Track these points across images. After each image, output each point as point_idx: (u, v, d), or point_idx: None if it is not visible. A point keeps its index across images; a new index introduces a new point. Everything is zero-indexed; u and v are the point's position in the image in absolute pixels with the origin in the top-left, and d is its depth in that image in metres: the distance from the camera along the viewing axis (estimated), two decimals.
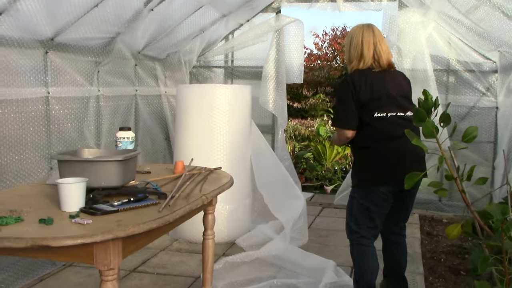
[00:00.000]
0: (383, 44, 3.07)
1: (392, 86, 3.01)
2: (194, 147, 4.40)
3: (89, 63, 4.16)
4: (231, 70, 6.26)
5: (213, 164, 4.28)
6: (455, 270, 4.03)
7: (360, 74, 3.02)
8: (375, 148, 2.97)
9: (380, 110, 2.95)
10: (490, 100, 5.49)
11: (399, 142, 2.86)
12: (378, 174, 2.96)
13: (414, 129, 2.70)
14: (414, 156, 2.94)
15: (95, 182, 2.23)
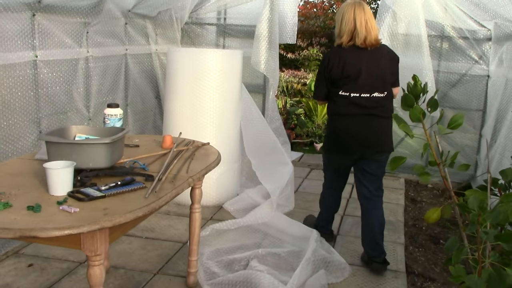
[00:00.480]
0: (373, 21, 3.34)
1: (367, 66, 3.33)
2: (184, 111, 4.40)
3: (77, 24, 4.08)
4: (224, 28, 6.15)
5: (203, 130, 4.35)
6: (435, 239, 4.16)
7: (338, 52, 3.37)
8: (335, 121, 3.48)
9: (345, 89, 3.35)
10: (482, 68, 5.48)
11: (352, 119, 3.37)
12: (334, 143, 3.49)
13: (378, 106, 3.35)
14: (366, 134, 3.37)
15: (83, 163, 2.26)
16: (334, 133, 3.49)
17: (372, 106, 3.34)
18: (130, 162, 2.55)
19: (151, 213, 2.05)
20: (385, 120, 3.41)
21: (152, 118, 5.68)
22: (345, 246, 3.80)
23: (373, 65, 3.34)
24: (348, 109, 3.37)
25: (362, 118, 3.35)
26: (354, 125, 3.37)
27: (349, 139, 3.40)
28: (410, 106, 2.55)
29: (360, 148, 3.39)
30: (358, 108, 3.34)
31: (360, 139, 3.37)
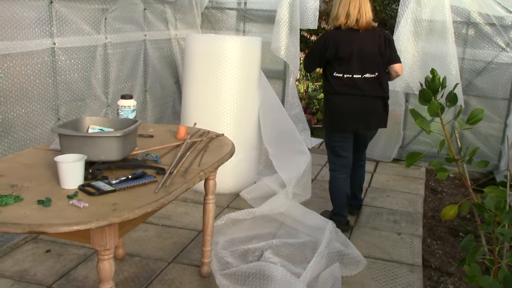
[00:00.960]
0: (367, 5, 3.71)
1: (359, 48, 3.66)
2: (202, 99, 4.39)
3: (96, 11, 4.07)
4: (244, 13, 6.09)
5: (221, 117, 4.34)
6: (454, 231, 4.09)
7: (334, 34, 3.73)
8: (330, 101, 3.79)
9: (338, 71, 3.69)
10: (509, 56, 5.32)
11: (347, 98, 3.71)
12: (332, 122, 3.82)
13: (368, 87, 3.69)
14: (359, 112, 3.72)
15: (94, 156, 2.26)
16: (331, 111, 3.81)
17: (364, 86, 3.69)
18: (142, 154, 2.55)
19: (161, 208, 2.05)
20: (376, 99, 3.77)
21: (172, 103, 5.68)
22: (361, 238, 3.77)
23: (364, 47, 3.68)
24: (342, 89, 3.70)
25: (355, 97, 3.69)
26: (348, 103, 3.71)
27: (343, 117, 3.75)
28: (428, 101, 2.47)
29: (353, 125, 3.77)
30: (351, 88, 3.68)
31: (353, 117, 3.73)
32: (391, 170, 5.53)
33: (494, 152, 5.56)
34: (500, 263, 2.09)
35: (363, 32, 3.70)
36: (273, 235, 3.68)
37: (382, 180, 5.18)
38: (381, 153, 5.86)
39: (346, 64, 3.67)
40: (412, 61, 5.43)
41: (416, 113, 2.55)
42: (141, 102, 4.96)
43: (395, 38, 5.41)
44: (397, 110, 5.74)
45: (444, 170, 2.58)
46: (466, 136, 5.64)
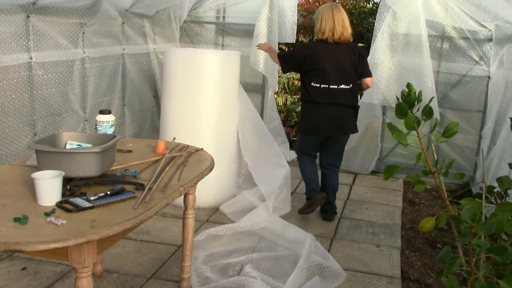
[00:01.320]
0: (346, 21, 4.07)
1: (333, 60, 4.03)
2: (181, 113, 4.37)
3: (73, 25, 4.06)
4: (223, 27, 6.12)
5: (200, 132, 4.33)
6: (432, 243, 4.13)
7: (314, 46, 4.08)
8: (308, 108, 4.16)
9: (316, 81, 4.04)
10: (483, 69, 5.44)
11: (322, 107, 4.07)
12: (308, 126, 4.19)
13: (343, 97, 4.06)
14: (333, 120, 4.11)
15: (72, 172, 2.24)
16: (308, 117, 4.17)
17: (339, 96, 4.06)
18: (121, 169, 2.53)
19: (140, 224, 2.04)
20: (350, 108, 4.17)
21: (150, 117, 5.66)
22: (340, 251, 3.78)
23: (341, 61, 4.05)
24: (319, 98, 4.05)
25: (331, 106, 4.06)
26: (325, 111, 4.08)
27: (321, 123, 4.11)
28: (404, 115, 2.51)
29: (328, 130, 4.15)
30: (327, 97, 4.04)
31: (329, 123, 4.11)
32: (369, 182, 5.58)
33: (470, 164, 5.65)
34: (477, 274, 2.12)
35: (340, 46, 4.05)
36: (253, 249, 3.68)
37: (361, 192, 5.22)
38: (360, 166, 5.91)
39: (323, 75, 4.02)
40: (389, 74, 5.52)
41: (393, 127, 2.59)
42: (119, 116, 4.93)
43: (372, 51, 5.51)
44: (374, 122, 5.82)
45: (421, 182, 2.61)
46: (443, 148, 5.73)
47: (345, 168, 5.91)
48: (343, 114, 4.12)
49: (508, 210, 2.39)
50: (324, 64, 4.00)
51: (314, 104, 4.09)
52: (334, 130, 4.14)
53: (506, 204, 2.41)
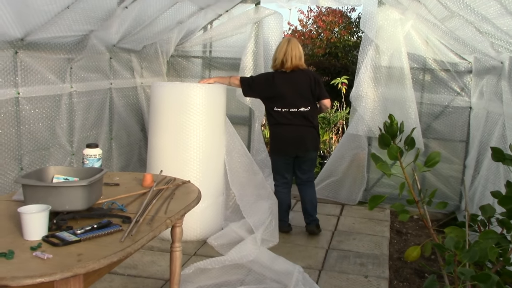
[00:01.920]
0: (295, 51, 4.53)
1: (290, 86, 4.50)
2: (168, 146, 4.40)
3: (61, 61, 4.10)
4: (209, 61, 6.22)
5: (187, 164, 4.35)
6: (420, 272, 4.15)
7: (272, 75, 4.60)
8: (274, 130, 4.64)
9: (277, 106, 4.53)
10: (464, 100, 5.56)
11: (286, 128, 4.53)
12: (277, 147, 4.64)
13: (303, 118, 4.51)
14: (296, 139, 4.55)
15: (59, 206, 2.24)
16: (275, 138, 4.62)
17: (299, 118, 4.51)
18: (108, 203, 2.54)
19: (127, 257, 2.04)
20: (310, 128, 4.60)
21: (138, 151, 5.67)
22: (329, 282, 3.78)
23: (297, 86, 4.51)
24: (282, 120, 4.52)
25: (293, 127, 4.52)
26: (288, 132, 4.53)
27: (287, 144, 4.56)
28: (387, 145, 2.57)
29: (293, 149, 4.58)
30: (288, 119, 4.50)
31: (293, 143, 4.55)
32: (356, 213, 5.61)
33: (455, 193, 5.71)
34: None
35: (296, 73, 4.55)
36: (241, 281, 3.66)
37: (348, 223, 5.24)
38: (347, 196, 5.95)
39: (284, 100, 4.50)
40: (373, 106, 5.62)
41: (376, 157, 2.63)
42: (106, 150, 4.94)
43: (356, 84, 5.62)
44: (360, 153, 5.88)
45: (406, 212, 2.64)
46: (428, 178, 5.79)
47: (332, 199, 5.94)
48: (304, 134, 4.58)
49: (491, 238, 2.42)
50: (283, 90, 4.50)
51: (279, 126, 4.57)
52: (298, 149, 4.58)
53: (489, 232, 2.44)
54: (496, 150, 2.63)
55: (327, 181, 6.02)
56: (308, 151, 4.64)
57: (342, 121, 9.09)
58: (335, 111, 9.46)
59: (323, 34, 14.91)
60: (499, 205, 2.48)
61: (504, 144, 4.01)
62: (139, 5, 4.22)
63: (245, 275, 3.78)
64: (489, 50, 3.88)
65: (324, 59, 12.60)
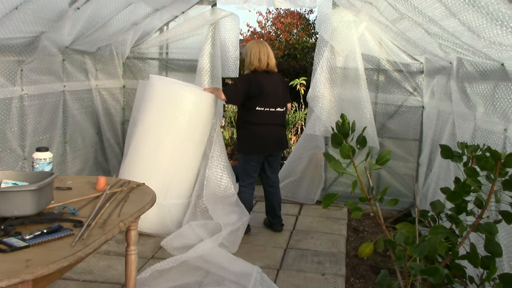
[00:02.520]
0: (271, 53, 4.74)
1: (271, 87, 4.64)
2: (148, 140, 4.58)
3: (11, 63, 3.99)
4: (166, 63, 6.16)
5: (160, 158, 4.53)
6: (376, 269, 4.23)
7: (255, 75, 4.64)
8: (252, 129, 4.64)
9: (260, 105, 4.59)
10: (417, 99, 5.70)
11: (266, 127, 4.65)
12: (253, 146, 4.65)
13: (280, 118, 4.74)
14: (276, 139, 4.74)
15: (7, 211, 2.19)
16: (253, 138, 4.65)
17: (278, 117, 4.72)
18: (59, 207, 2.49)
19: (78, 262, 2.01)
20: (284, 128, 4.91)
21: (93, 154, 5.58)
22: (287, 281, 3.81)
23: (276, 87, 4.70)
24: (264, 120, 4.62)
25: (271, 126, 4.68)
26: (267, 131, 4.66)
27: (267, 142, 4.67)
28: (339, 144, 2.61)
29: (271, 147, 4.73)
30: (269, 119, 4.64)
31: (272, 141, 4.71)
32: (314, 212, 5.68)
33: (409, 191, 5.85)
34: None
35: (272, 74, 4.73)
36: (199, 283, 3.65)
37: (306, 222, 5.30)
38: (305, 196, 6.01)
39: (266, 99, 4.60)
40: (329, 106, 5.70)
41: (329, 156, 2.68)
42: (60, 154, 4.83)
43: (313, 84, 5.69)
44: (317, 153, 5.96)
45: (358, 209, 2.69)
46: (383, 176, 5.91)
47: (290, 199, 5.99)
48: (282, 133, 4.83)
49: (440, 233, 2.50)
50: (266, 90, 4.59)
51: (260, 126, 4.62)
52: (276, 146, 4.77)
53: (438, 227, 2.52)
54: (445, 147, 2.71)
55: (285, 181, 6.06)
56: (282, 150, 4.96)
57: (301, 122, 9.19)
58: (293, 112, 9.56)
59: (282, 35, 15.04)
60: (448, 200, 2.56)
61: (453, 142, 4.14)
62: (92, 6, 4.15)
63: (203, 276, 3.77)
64: (438, 51, 3.99)
65: (283, 60, 12.71)
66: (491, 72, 3.29)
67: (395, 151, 5.77)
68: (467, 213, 2.48)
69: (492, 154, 2.24)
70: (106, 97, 5.68)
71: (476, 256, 2.37)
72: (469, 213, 2.48)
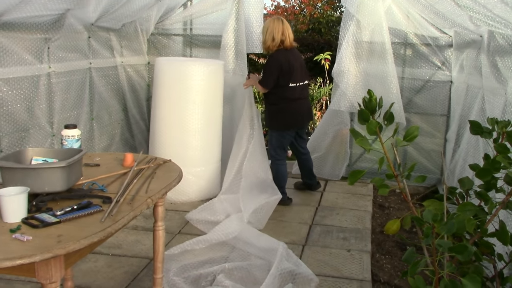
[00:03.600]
0: (291, 30, 4.91)
1: (297, 62, 4.86)
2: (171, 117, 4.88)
3: (38, 41, 4.03)
4: (190, 39, 6.15)
5: (188, 132, 4.84)
6: (402, 245, 4.22)
7: (282, 53, 4.78)
8: (288, 106, 4.85)
9: (292, 81, 4.78)
10: (445, 74, 5.58)
11: (299, 102, 4.90)
12: (289, 122, 4.89)
13: (306, 91, 5.03)
14: (307, 112, 5.06)
15: (38, 188, 2.23)
16: (288, 114, 4.84)
17: (305, 91, 4.99)
18: (88, 183, 2.53)
19: (108, 237, 2.04)
20: (309, 100, 5.23)
21: (120, 130, 5.63)
22: (312, 256, 3.83)
23: (299, 62, 4.92)
24: (295, 95, 4.83)
25: (302, 100, 4.94)
26: (300, 105, 4.90)
27: (300, 116, 4.93)
28: (366, 120, 2.58)
29: (304, 120, 5.07)
30: (299, 94, 4.86)
31: (304, 114, 4.99)
32: (340, 188, 5.66)
33: (436, 167, 5.78)
34: (441, 273, 2.18)
35: (293, 50, 4.90)
36: (225, 258, 3.69)
37: (332, 198, 5.29)
38: (330, 172, 5.99)
39: (295, 75, 4.78)
40: (355, 81, 5.62)
41: (356, 132, 2.65)
42: (87, 131, 4.90)
43: (338, 59, 5.61)
44: (343, 129, 5.91)
45: (385, 186, 2.67)
46: (410, 152, 5.85)
47: (316, 175, 5.97)
48: (310, 105, 5.21)
49: (469, 210, 2.47)
50: (295, 66, 4.78)
51: (294, 101, 4.84)
52: (307, 119, 5.09)
53: (467, 204, 2.49)
54: (474, 123, 2.66)
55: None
56: (309, 121, 5.40)
57: (326, 97, 9.11)
58: (318, 87, 9.47)
59: (306, 9, 14.81)
60: (476, 177, 2.52)
61: (483, 118, 4.06)
62: None
63: (229, 252, 3.81)
64: (468, 23, 3.89)
65: (307, 35, 12.52)
66: None
67: (422, 127, 5.68)
68: (497, 190, 2.45)
69: None
70: (131, 73, 5.71)
71: (505, 233, 2.34)
72: (498, 190, 2.44)
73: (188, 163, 4.70)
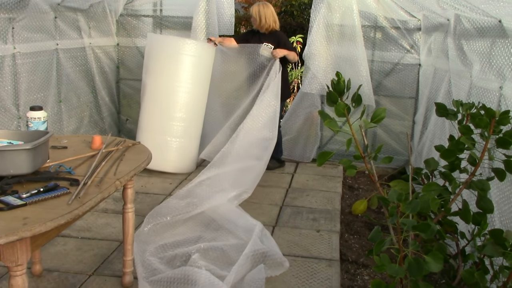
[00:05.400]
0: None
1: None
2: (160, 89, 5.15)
3: (2, 20, 3.92)
4: (160, 20, 6.07)
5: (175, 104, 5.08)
6: (370, 225, 4.30)
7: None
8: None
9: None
10: (414, 57, 5.66)
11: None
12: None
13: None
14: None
15: (3, 170, 2.20)
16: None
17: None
18: (55, 166, 2.50)
19: (75, 220, 2.03)
20: None
21: (89, 112, 5.55)
22: (282, 237, 3.87)
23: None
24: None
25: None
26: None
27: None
28: (334, 102, 2.61)
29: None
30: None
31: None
32: (310, 170, 5.72)
33: (405, 149, 5.88)
34: (405, 251, 2.24)
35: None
36: (202, 238, 3.69)
37: (302, 180, 5.35)
38: (301, 154, 6.04)
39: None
40: (326, 64, 5.65)
41: (324, 114, 2.67)
42: (55, 113, 4.82)
43: (309, 42, 5.63)
44: (313, 112, 5.95)
45: (353, 167, 2.71)
46: (379, 134, 5.93)
47: (286, 157, 6.02)
48: None
49: (433, 190, 2.53)
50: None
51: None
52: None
53: (431, 184, 2.55)
54: (440, 105, 2.71)
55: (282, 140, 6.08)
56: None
57: (297, 80, 9.14)
58: (290, 70, 9.48)
59: None
60: (441, 158, 2.58)
61: (449, 100, 4.13)
62: None
63: (205, 231, 3.80)
64: (435, 7, 3.94)
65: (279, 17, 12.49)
66: (489, 29, 3.26)
67: (391, 109, 5.77)
68: (461, 171, 2.51)
69: (487, 111, 2.25)
70: (100, 55, 5.62)
71: (468, 212, 2.41)
72: (462, 171, 2.50)
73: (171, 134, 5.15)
